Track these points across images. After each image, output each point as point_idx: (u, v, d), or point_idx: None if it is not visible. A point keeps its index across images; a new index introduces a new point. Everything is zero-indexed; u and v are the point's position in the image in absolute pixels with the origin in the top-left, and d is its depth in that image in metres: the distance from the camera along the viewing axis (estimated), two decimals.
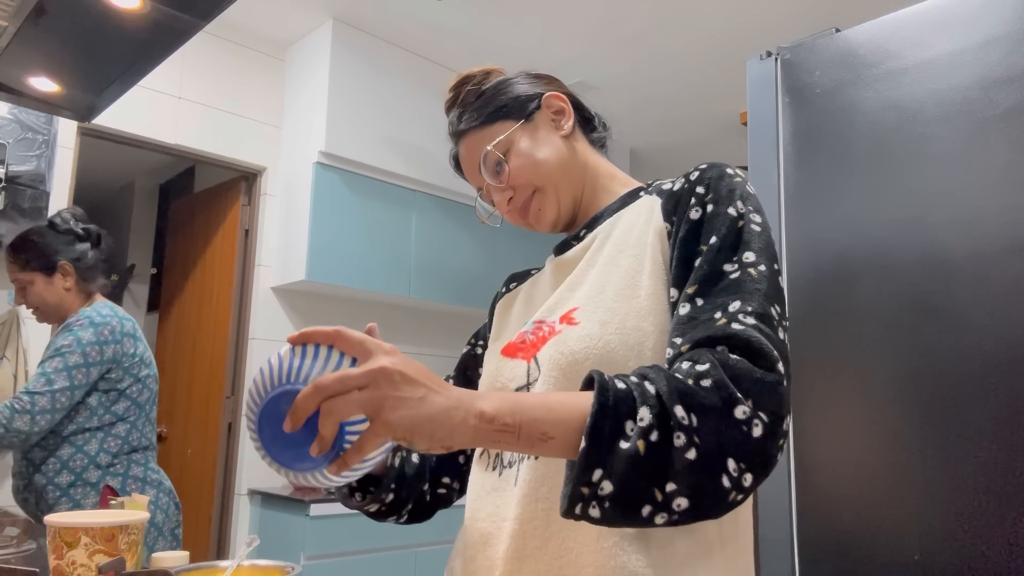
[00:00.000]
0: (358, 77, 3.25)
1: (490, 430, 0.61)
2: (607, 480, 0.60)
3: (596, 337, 0.74)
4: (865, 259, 1.25)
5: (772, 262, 0.73)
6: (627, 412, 0.61)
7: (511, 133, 0.89)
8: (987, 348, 1.10)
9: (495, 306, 1.02)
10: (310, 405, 0.58)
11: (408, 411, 0.59)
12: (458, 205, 3.60)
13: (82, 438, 1.91)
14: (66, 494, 1.88)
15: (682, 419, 0.60)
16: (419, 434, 0.59)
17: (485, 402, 0.61)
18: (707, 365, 0.63)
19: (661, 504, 0.60)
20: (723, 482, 0.61)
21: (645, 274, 0.77)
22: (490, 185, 0.90)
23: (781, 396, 0.64)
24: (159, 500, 1.97)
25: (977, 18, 1.19)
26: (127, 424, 1.98)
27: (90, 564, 0.97)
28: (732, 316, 0.67)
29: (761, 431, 0.62)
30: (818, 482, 1.24)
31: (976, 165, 1.15)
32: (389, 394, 0.59)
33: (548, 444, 0.62)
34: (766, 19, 3.08)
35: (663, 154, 4.35)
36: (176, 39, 1.44)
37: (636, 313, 0.75)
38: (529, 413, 0.62)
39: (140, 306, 4.45)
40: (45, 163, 2.62)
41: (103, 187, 4.79)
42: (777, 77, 1.43)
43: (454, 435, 0.60)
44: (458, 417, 0.60)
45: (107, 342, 1.95)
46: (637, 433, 0.60)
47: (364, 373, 0.59)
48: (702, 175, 0.79)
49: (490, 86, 0.93)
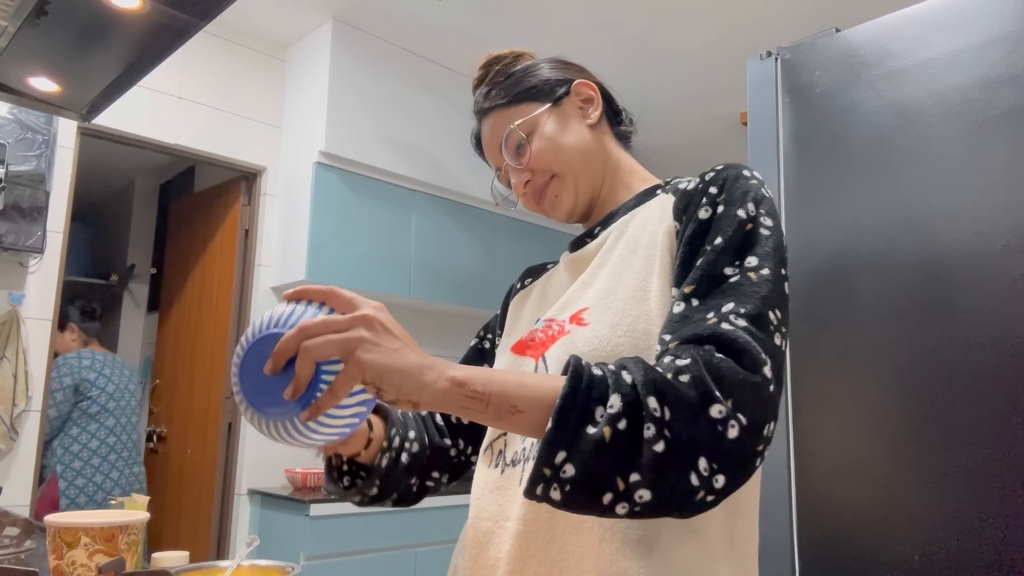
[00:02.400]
0: (358, 77, 3.25)
1: (460, 394, 0.61)
2: (569, 463, 0.59)
3: (605, 339, 0.73)
4: (865, 259, 1.25)
5: (779, 267, 0.71)
6: (598, 397, 0.60)
7: (537, 115, 0.87)
8: (987, 348, 1.10)
9: (509, 301, 1.00)
10: (292, 345, 0.60)
11: (381, 356, 0.60)
12: (458, 205, 3.60)
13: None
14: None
15: (654, 410, 0.59)
16: (388, 382, 0.60)
17: (459, 370, 0.62)
18: (688, 360, 0.62)
19: (623, 493, 0.59)
20: (691, 479, 0.59)
21: (655, 276, 0.76)
22: (509, 166, 0.89)
23: (764, 399, 0.62)
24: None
25: (977, 18, 1.19)
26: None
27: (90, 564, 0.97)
28: (723, 316, 0.66)
29: (737, 432, 0.60)
30: (818, 482, 1.24)
31: (976, 165, 1.15)
32: (366, 337, 0.60)
33: (516, 418, 0.62)
34: (766, 19, 3.08)
35: (663, 154, 4.35)
36: (176, 39, 1.44)
37: (646, 316, 0.74)
38: (501, 385, 0.62)
39: (140, 306, 4.44)
40: (45, 163, 2.62)
41: (103, 187, 4.79)
42: (777, 77, 1.43)
43: (422, 391, 0.61)
44: (429, 376, 0.61)
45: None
46: (605, 419, 0.59)
47: (347, 318, 0.61)
48: (717, 175, 0.78)
49: (520, 67, 0.92)
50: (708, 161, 3.39)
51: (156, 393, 3.75)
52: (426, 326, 3.77)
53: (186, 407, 3.49)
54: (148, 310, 4.41)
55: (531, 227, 3.87)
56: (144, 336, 4.40)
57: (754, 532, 0.77)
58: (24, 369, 2.60)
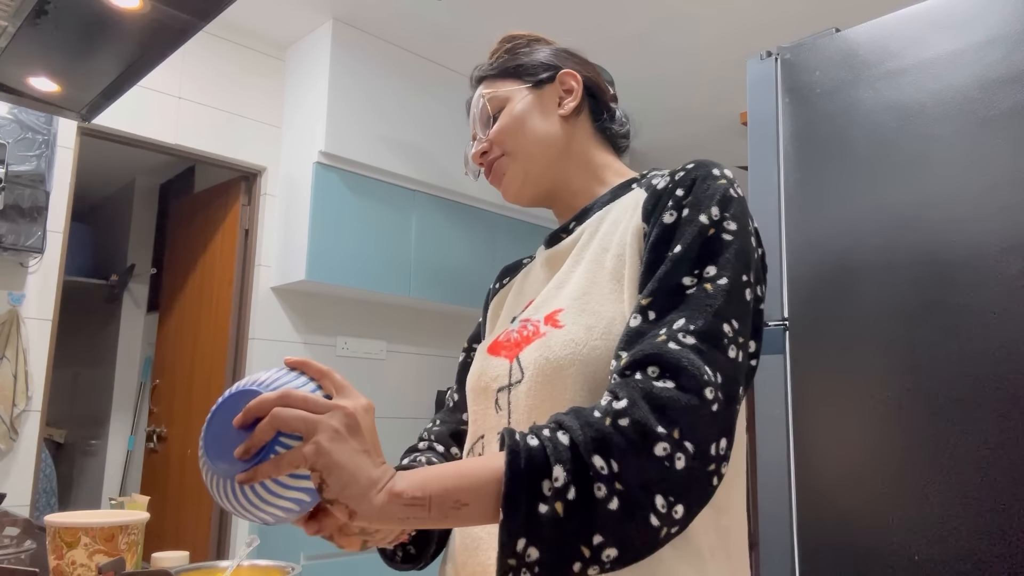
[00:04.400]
0: (358, 77, 3.25)
1: (399, 504, 0.59)
2: (532, 547, 0.58)
3: (581, 343, 0.72)
4: (865, 259, 1.25)
5: (740, 274, 0.69)
6: (541, 472, 0.59)
7: (512, 91, 0.89)
8: (987, 348, 1.10)
9: (489, 303, 1.00)
10: (266, 408, 0.59)
11: (339, 450, 0.59)
12: (458, 205, 3.60)
13: None
14: None
15: (601, 468, 0.58)
16: (335, 478, 0.58)
17: (402, 480, 0.60)
18: (624, 402, 0.61)
19: (591, 559, 0.59)
20: (651, 521, 0.59)
21: (627, 277, 0.75)
22: (474, 135, 0.92)
23: (709, 420, 0.62)
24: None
25: (977, 18, 1.19)
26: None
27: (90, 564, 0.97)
28: (672, 335, 0.65)
29: (684, 462, 0.60)
30: (818, 482, 1.24)
31: (976, 165, 1.15)
32: (335, 427, 0.59)
33: (463, 512, 0.60)
34: (766, 19, 3.08)
35: (663, 154, 4.35)
36: (176, 39, 1.44)
37: (622, 318, 0.73)
38: (440, 483, 0.61)
39: (140, 306, 4.44)
40: (45, 163, 2.62)
41: (103, 187, 4.79)
42: (777, 77, 1.43)
43: (362, 502, 0.59)
44: (374, 488, 0.59)
45: None
46: (553, 494, 0.58)
47: (328, 403, 0.61)
48: (686, 175, 0.76)
49: (523, 46, 0.94)
50: (698, 158, 3.39)
51: (156, 393, 3.75)
52: (426, 326, 3.77)
53: (186, 407, 3.49)
54: (148, 310, 4.41)
55: (531, 227, 3.87)
56: (144, 336, 4.40)
57: (742, 526, 0.76)
58: (24, 369, 2.60)
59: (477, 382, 0.84)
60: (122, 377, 4.26)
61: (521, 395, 0.77)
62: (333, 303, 3.45)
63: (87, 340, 4.59)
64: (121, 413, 4.21)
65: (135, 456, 4.08)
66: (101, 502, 4.06)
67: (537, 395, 0.75)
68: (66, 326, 3.15)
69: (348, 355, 3.46)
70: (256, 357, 3.21)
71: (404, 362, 3.66)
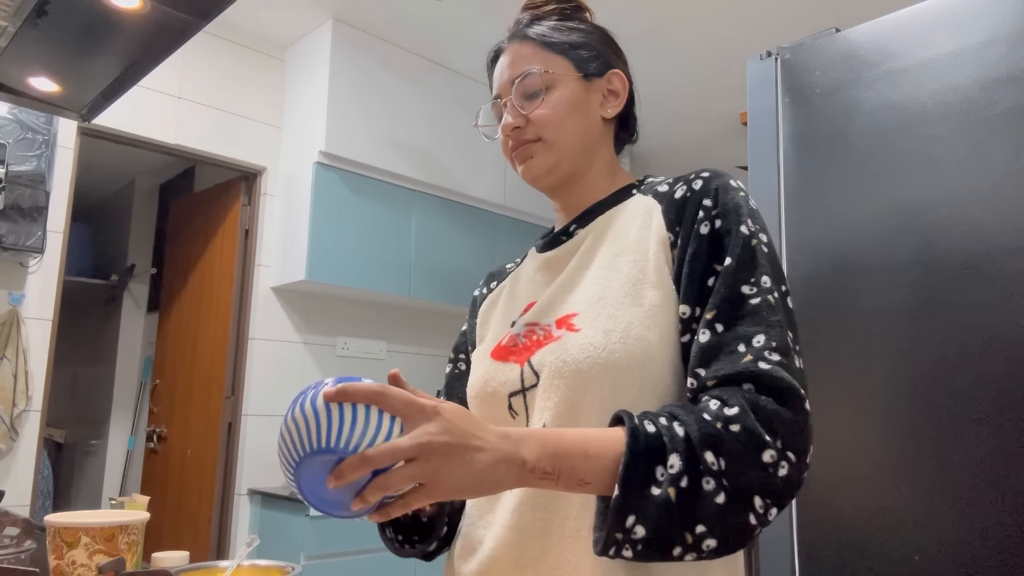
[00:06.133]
0: (358, 77, 3.25)
1: (532, 478, 0.64)
2: (640, 525, 0.62)
3: (600, 346, 0.73)
4: (865, 259, 1.25)
5: (782, 283, 0.74)
6: (658, 458, 0.64)
7: (565, 75, 0.85)
8: (987, 348, 1.10)
9: (478, 309, 0.99)
10: (358, 475, 0.59)
11: (457, 477, 0.60)
12: (458, 205, 3.60)
13: None
14: None
15: (711, 464, 0.63)
16: (468, 494, 0.62)
17: (526, 449, 0.63)
18: (736, 409, 0.65)
19: (691, 545, 0.63)
20: (750, 519, 0.64)
21: (649, 284, 0.76)
22: (511, 102, 0.85)
23: (807, 435, 0.67)
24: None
25: (977, 18, 1.19)
26: None
27: (90, 564, 0.97)
28: (758, 353, 0.68)
29: (787, 471, 0.65)
30: (818, 482, 1.24)
31: (976, 165, 1.15)
32: (439, 466, 0.59)
33: (586, 488, 0.65)
34: (766, 19, 3.08)
35: (663, 154, 4.35)
36: (176, 39, 1.44)
37: (640, 322, 0.74)
38: (567, 461, 0.64)
39: (140, 306, 4.44)
40: (45, 163, 2.62)
41: (103, 187, 4.79)
42: (777, 77, 1.43)
43: (500, 487, 0.63)
44: (502, 471, 0.62)
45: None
46: (668, 480, 0.63)
47: (413, 446, 0.59)
48: (706, 185, 0.77)
49: (575, 21, 0.91)
50: (708, 161, 3.38)
51: (156, 393, 3.75)
52: (426, 326, 3.77)
53: (186, 407, 3.49)
54: (148, 310, 4.41)
55: (531, 227, 3.87)
56: (144, 336, 4.40)
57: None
58: (24, 369, 2.60)
59: (484, 388, 0.83)
60: (122, 377, 4.26)
61: (538, 398, 0.77)
62: (333, 303, 3.45)
63: (87, 340, 4.59)
64: (121, 413, 4.21)
65: (135, 456, 4.08)
66: (101, 502, 4.06)
67: (555, 397, 0.75)
68: (66, 326, 3.15)
69: (348, 355, 3.46)
70: (256, 357, 3.21)
71: (404, 362, 3.66)
